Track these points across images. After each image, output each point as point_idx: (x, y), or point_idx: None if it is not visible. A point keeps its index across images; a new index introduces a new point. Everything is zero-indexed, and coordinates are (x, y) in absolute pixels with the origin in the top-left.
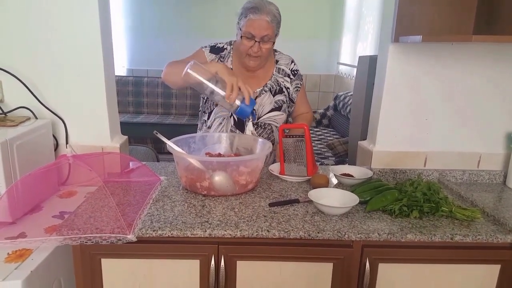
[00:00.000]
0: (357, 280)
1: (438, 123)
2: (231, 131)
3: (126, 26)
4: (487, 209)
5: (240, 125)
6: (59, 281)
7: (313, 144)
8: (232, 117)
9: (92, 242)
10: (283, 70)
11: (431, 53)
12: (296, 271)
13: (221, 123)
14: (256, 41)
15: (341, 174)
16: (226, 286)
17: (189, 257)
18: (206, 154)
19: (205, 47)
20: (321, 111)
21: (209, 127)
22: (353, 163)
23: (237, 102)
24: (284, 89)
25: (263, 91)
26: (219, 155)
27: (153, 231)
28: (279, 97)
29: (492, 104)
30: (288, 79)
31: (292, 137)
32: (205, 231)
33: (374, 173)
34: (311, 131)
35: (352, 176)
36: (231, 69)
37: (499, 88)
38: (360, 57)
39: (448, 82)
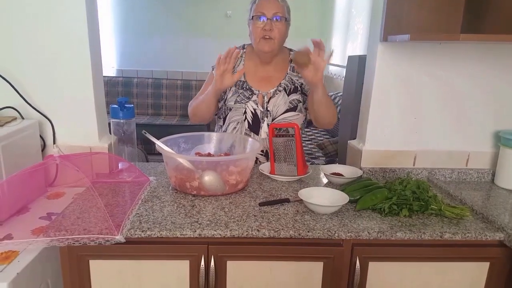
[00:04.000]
0: (347, 278)
1: (427, 122)
2: (246, 134)
3: (115, 26)
4: (476, 207)
5: (254, 128)
6: (46, 283)
7: (303, 144)
8: (246, 120)
9: (80, 243)
10: None
11: (419, 52)
12: (287, 270)
13: (235, 127)
14: (267, 18)
15: (331, 173)
16: (216, 287)
17: (179, 258)
18: (196, 153)
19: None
20: None
21: (224, 132)
22: (343, 162)
23: None
24: (298, 87)
25: (277, 91)
26: (209, 154)
27: (142, 231)
28: (294, 96)
29: (481, 103)
30: None
31: (282, 136)
32: (195, 231)
33: (364, 172)
34: (301, 131)
35: (342, 175)
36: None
37: (487, 87)
38: (349, 56)
39: (437, 81)
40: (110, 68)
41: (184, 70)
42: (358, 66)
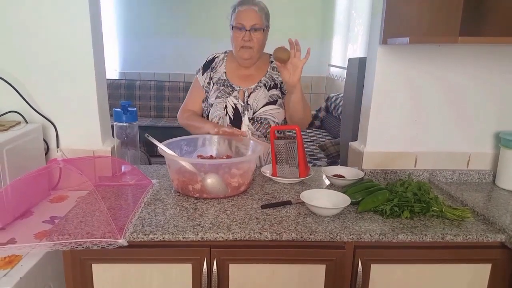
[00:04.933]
0: (350, 281)
1: (428, 124)
2: None
3: (118, 29)
4: (477, 209)
5: (236, 122)
6: (49, 287)
7: (305, 145)
8: (227, 115)
9: (83, 247)
10: (277, 68)
11: (419, 55)
12: (289, 273)
13: (217, 122)
14: (246, 30)
15: (333, 175)
16: None
17: (181, 261)
18: (198, 156)
19: (199, 70)
20: (313, 112)
21: None
22: (344, 164)
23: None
24: (278, 84)
25: (258, 87)
26: (211, 157)
27: (145, 235)
28: (274, 91)
29: (481, 104)
30: None
31: (284, 138)
32: (197, 234)
33: (365, 173)
34: (303, 132)
35: (344, 177)
36: (225, 78)
37: (487, 88)
38: (349, 59)
39: (437, 83)
40: (113, 71)
41: (186, 72)
42: (358, 68)
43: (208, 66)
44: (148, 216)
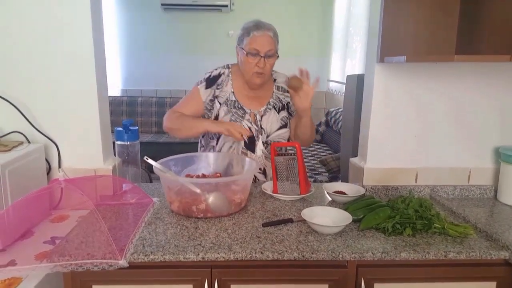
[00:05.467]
0: None
1: (428, 139)
2: (242, 152)
3: (120, 47)
4: (480, 225)
5: (250, 146)
6: None
7: (306, 160)
8: None
9: (83, 268)
10: (281, 87)
11: (417, 71)
12: None
13: (231, 146)
14: (261, 56)
15: (334, 192)
16: None
17: (182, 282)
18: (186, 176)
19: (201, 82)
20: None
21: (219, 151)
22: (345, 179)
23: None
24: (285, 105)
25: (268, 109)
26: (203, 175)
27: (145, 255)
28: (283, 113)
29: (480, 118)
30: (288, 94)
31: (284, 155)
32: (198, 254)
33: (366, 190)
34: (303, 147)
35: (345, 194)
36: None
37: (486, 102)
38: (348, 76)
39: (436, 98)
40: (115, 88)
41: (187, 89)
42: (357, 85)
43: (213, 82)
44: (149, 236)
